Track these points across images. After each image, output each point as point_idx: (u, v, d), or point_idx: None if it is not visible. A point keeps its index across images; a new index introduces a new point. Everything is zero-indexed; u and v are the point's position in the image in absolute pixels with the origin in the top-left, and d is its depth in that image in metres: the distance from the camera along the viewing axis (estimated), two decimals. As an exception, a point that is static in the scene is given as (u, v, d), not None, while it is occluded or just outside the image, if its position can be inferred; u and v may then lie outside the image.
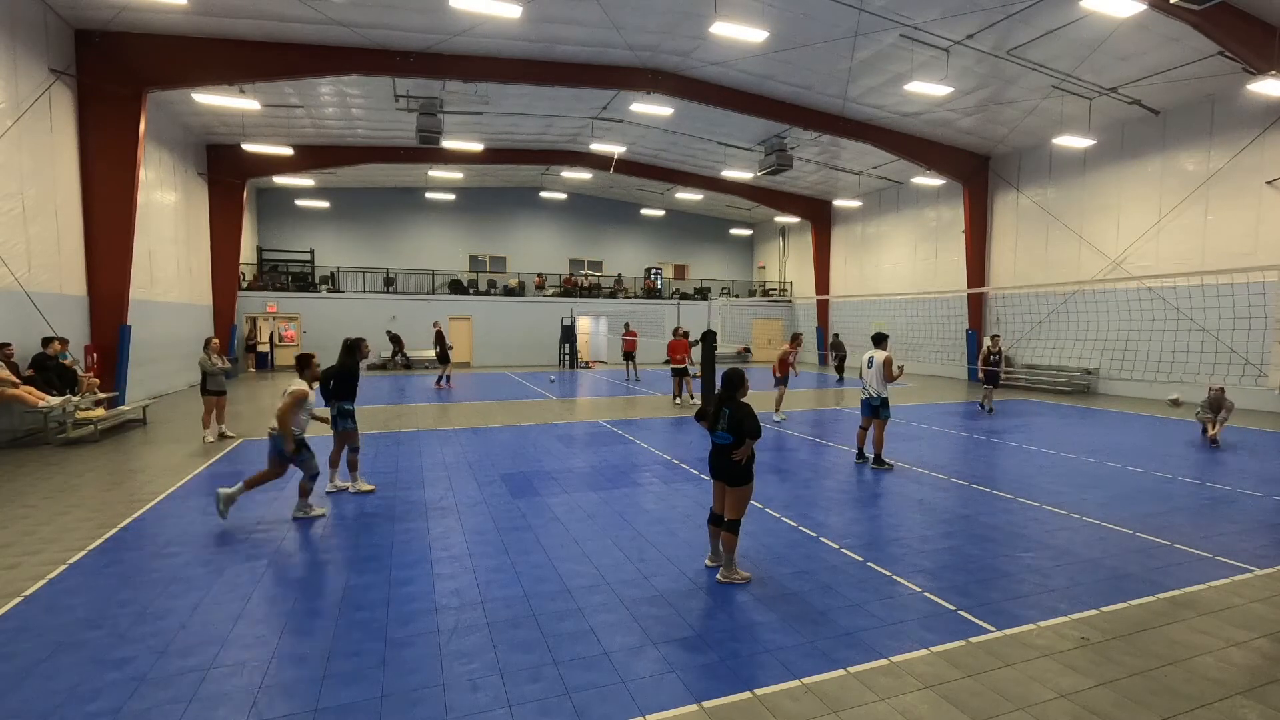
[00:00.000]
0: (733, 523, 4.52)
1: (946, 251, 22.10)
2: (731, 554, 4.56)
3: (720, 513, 4.65)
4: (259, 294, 22.99)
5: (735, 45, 13.43)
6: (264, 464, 6.08)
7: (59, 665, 3.45)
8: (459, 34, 13.26)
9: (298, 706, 3.11)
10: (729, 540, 4.53)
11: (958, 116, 16.98)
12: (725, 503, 4.58)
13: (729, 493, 4.54)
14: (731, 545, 4.54)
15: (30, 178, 10.50)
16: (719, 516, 4.67)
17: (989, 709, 3.10)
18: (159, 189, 15.63)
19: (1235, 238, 14.17)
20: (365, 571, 4.76)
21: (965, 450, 9.56)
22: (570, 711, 3.07)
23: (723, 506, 4.62)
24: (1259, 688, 3.30)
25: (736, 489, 4.51)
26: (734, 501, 4.51)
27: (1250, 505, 6.63)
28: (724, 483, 4.58)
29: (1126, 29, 11.87)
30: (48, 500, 6.56)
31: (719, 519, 4.67)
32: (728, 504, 4.54)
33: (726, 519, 4.55)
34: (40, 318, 10.47)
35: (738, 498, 4.51)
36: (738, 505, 4.51)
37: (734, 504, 4.51)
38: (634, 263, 30.88)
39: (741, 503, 4.52)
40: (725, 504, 4.58)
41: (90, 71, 11.89)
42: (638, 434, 10.62)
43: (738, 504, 4.51)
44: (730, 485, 4.53)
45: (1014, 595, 4.39)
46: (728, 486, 4.55)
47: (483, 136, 20.11)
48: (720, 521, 4.63)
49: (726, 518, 4.55)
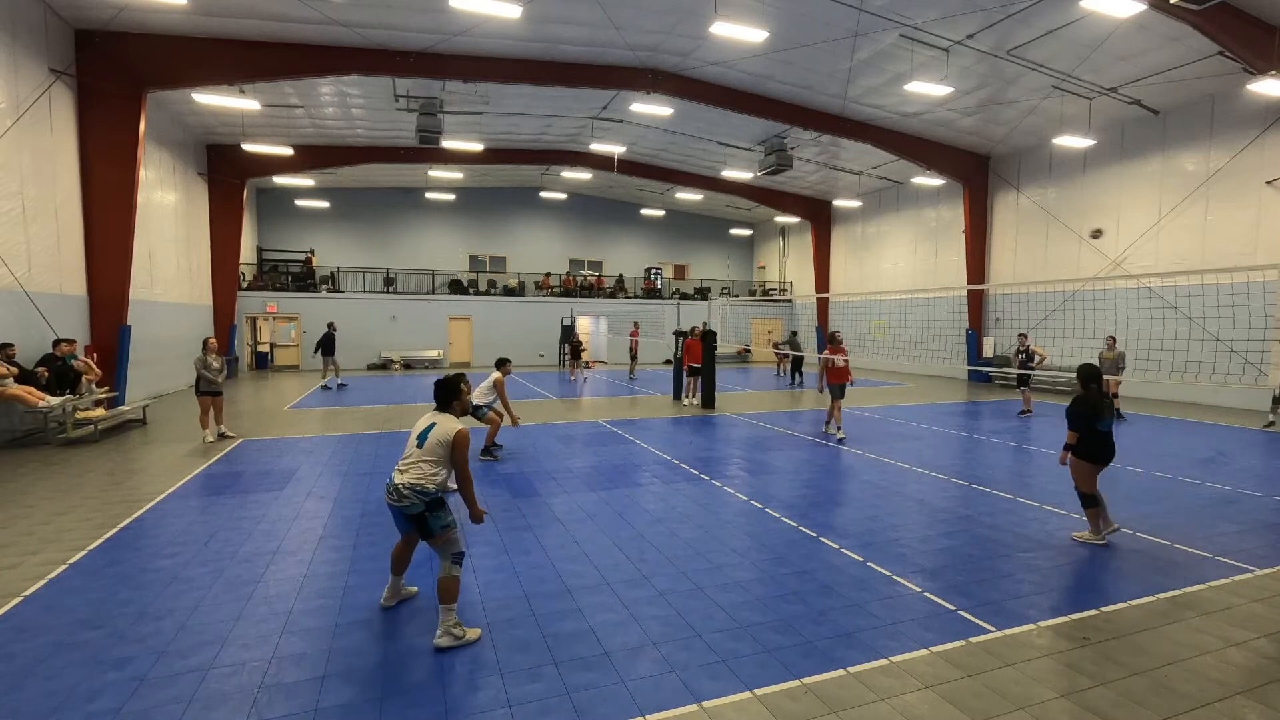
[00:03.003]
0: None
1: (946, 251, 22.11)
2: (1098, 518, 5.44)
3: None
4: (259, 294, 22.99)
5: (735, 45, 13.43)
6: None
7: (59, 665, 3.45)
8: (459, 34, 13.26)
9: (298, 706, 3.11)
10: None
11: (958, 116, 16.98)
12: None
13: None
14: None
15: (30, 178, 10.50)
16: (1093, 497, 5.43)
17: (989, 709, 3.10)
18: (159, 189, 15.63)
19: (1235, 237, 14.17)
20: (365, 571, 4.76)
21: (965, 450, 9.56)
22: (570, 711, 3.07)
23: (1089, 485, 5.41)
24: (1259, 688, 3.30)
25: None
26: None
27: (1250, 505, 6.63)
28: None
29: (1126, 29, 11.87)
30: (48, 500, 6.56)
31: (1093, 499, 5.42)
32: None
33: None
34: (40, 318, 10.47)
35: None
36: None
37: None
38: (634, 263, 30.88)
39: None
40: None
41: (90, 71, 11.88)
42: (638, 434, 10.62)
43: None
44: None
45: (1014, 595, 4.39)
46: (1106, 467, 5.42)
47: (483, 136, 20.11)
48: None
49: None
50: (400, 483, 3.73)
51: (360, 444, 9.60)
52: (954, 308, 21.26)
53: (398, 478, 3.77)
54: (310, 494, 6.87)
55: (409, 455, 3.84)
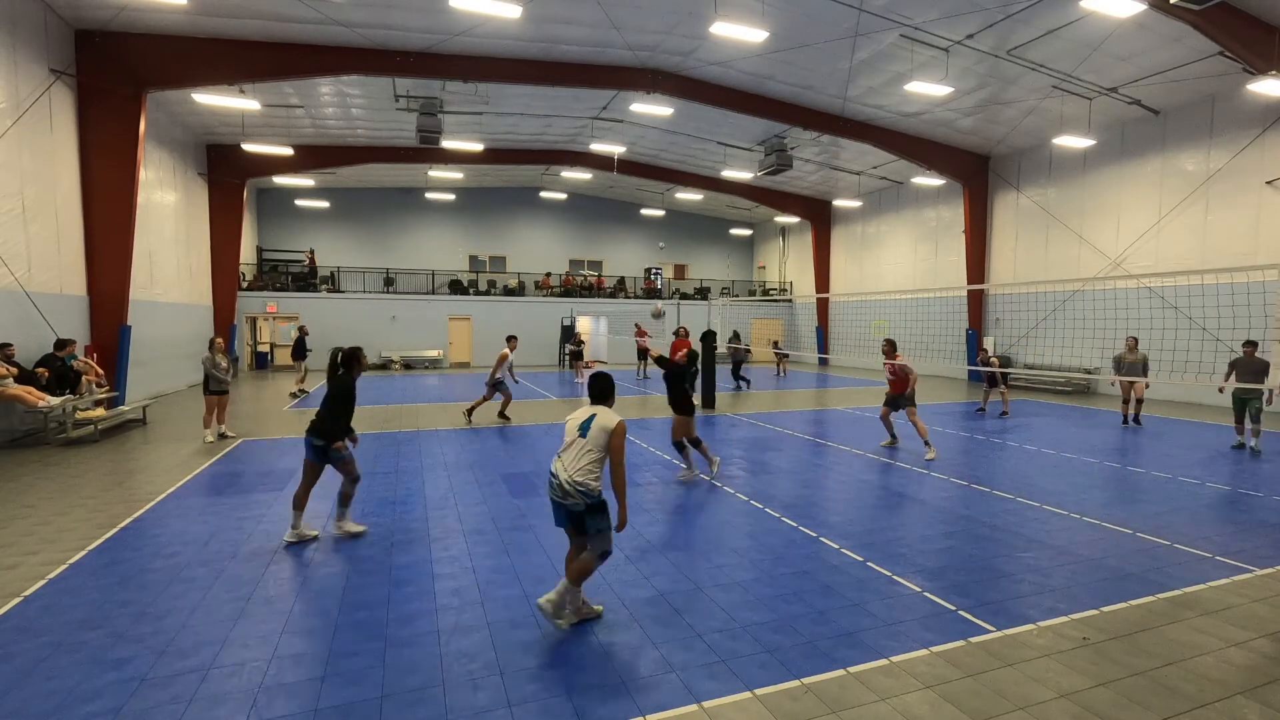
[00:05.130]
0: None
1: (946, 251, 22.11)
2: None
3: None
4: (259, 294, 23.00)
5: (735, 45, 13.43)
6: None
7: (59, 665, 3.44)
8: (459, 34, 13.26)
9: (298, 706, 3.10)
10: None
11: (958, 116, 16.98)
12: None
13: None
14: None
15: (30, 178, 10.50)
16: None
17: (989, 709, 3.10)
18: (159, 189, 15.63)
19: (1235, 238, 14.17)
20: (365, 571, 4.76)
21: (965, 450, 9.57)
22: (570, 712, 3.07)
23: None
24: (1259, 688, 3.30)
25: None
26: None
27: (1250, 505, 6.63)
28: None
29: (1126, 29, 11.87)
30: (48, 500, 6.56)
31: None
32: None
33: None
34: (40, 318, 10.47)
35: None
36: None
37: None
38: (634, 263, 30.87)
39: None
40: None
41: (90, 71, 11.88)
42: (639, 434, 10.62)
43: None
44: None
45: (1014, 595, 4.39)
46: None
47: (483, 136, 20.11)
48: None
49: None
50: (565, 480, 3.75)
51: (360, 444, 9.57)
52: (954, 308, 21.26)
53: (561, 473, 3.79)
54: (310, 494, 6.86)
55: (570, 444, 3.87)
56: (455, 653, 3.60)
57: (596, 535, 3.82)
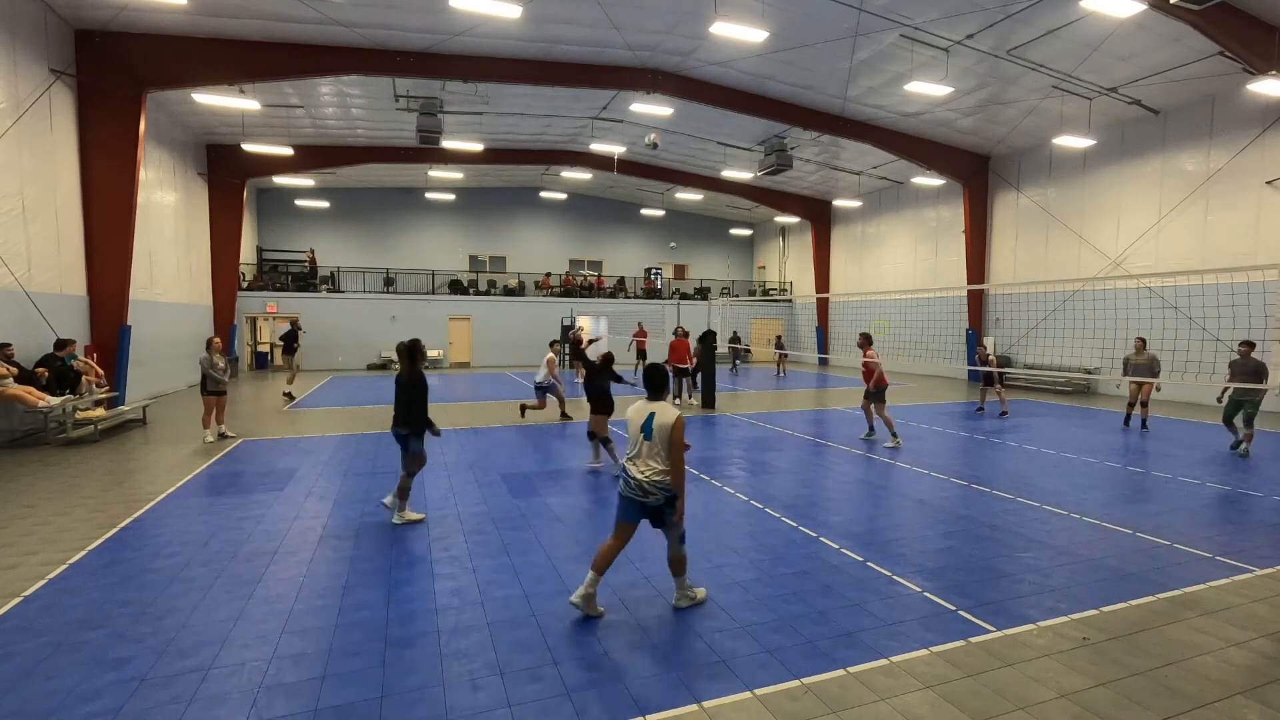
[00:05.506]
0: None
1: (946, 251, 22.11)
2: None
3: None
4: (259, 294, 22.99)
5: (735, 45, 13.43)
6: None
7: (59, 665, 3.44)
8: (459, 34, 13.26)
9: (298, 706, 3.11)
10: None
11: (958, 116, 16.97)
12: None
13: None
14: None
15: (30, 178, 10.50)
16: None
17: (989, 709, 3.10)
18: (159, 189, 15.62)
19: (1235, 237, 14.17)
20: (365, 571, 4.76)
21: (965, 450, 9.56)
22: (570, 712, 3.07)
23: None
24: (1259, 688, 3.30)
25: None
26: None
27: (1250, 505, 6.63)
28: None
29: (1126, 29, 11.86)
30: (48, 500, 6.56)
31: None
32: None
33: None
34: (40, 318, 10.47)
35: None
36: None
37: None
38: (634, 263, 30.87)
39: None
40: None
41: (90, 71, 11.88)
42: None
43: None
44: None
45: (1014, 595, 4.39)
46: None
47: (483, 136, 20.11)
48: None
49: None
50: (643, 479, 4.01)
51: (360, 444, 9.60)
52: (954, 308, 21.25)
53: (637, 473, 4.04)
54: (310, 494, 6.88)
55: (637, 449, 4.10)
56: (455, 653, 3.60)
57: (673, 524, 4.10)
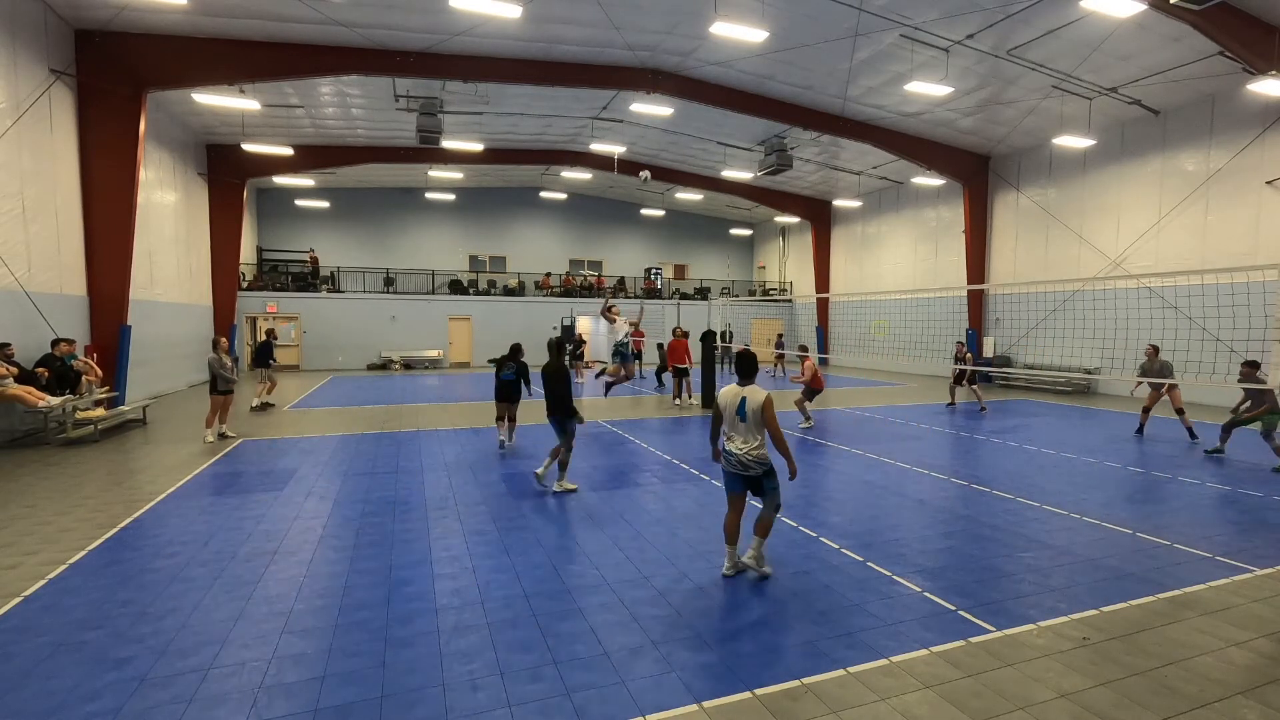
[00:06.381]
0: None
1: (946, 251, 22.10)
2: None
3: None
4: (259, 294, 22.99)
5: (735, 45, 13.42)
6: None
7: (59, 665, 3.44)
8: (459, 34, 13.26)
9: (298, 706, 3.11)
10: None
11: (958, 116, 16.97)
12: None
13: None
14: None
15: (30, 178, 10.50)
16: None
17: (989, 709, 3.10)
18: (159, 189, 15.62)
19: (1235, 237, 14.16)
20: (365, 571, 4.76)
21: (965, 450, 9.56)
22: (570, 711, 3.07)
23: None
24: (1259, 688, 3.30)
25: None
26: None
27: (1250, 505, 6.63)
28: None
29: (1126, 29, 11.86)
30: (48, 500, 6.56)
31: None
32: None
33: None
34: (40, 318, 10.47)
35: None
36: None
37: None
38: (634, 263, 30.87)
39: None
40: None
41: (90, 71, 11.88)
42: (638, 434, 10.62)
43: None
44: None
45: (1014, 595, 4.39)
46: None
47: (483, 136, 20.11)
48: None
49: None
50: (743, 454, 4.51)
51: (360, 444, 9.60)
52: (954, 308, 21.25)
53: (739, 451, 4.52)
54: (310, 494, 6.87)
55: (736, 429, 4.56)
56: (455, 653, 3.60)
57: (771, 492, 4.58)
